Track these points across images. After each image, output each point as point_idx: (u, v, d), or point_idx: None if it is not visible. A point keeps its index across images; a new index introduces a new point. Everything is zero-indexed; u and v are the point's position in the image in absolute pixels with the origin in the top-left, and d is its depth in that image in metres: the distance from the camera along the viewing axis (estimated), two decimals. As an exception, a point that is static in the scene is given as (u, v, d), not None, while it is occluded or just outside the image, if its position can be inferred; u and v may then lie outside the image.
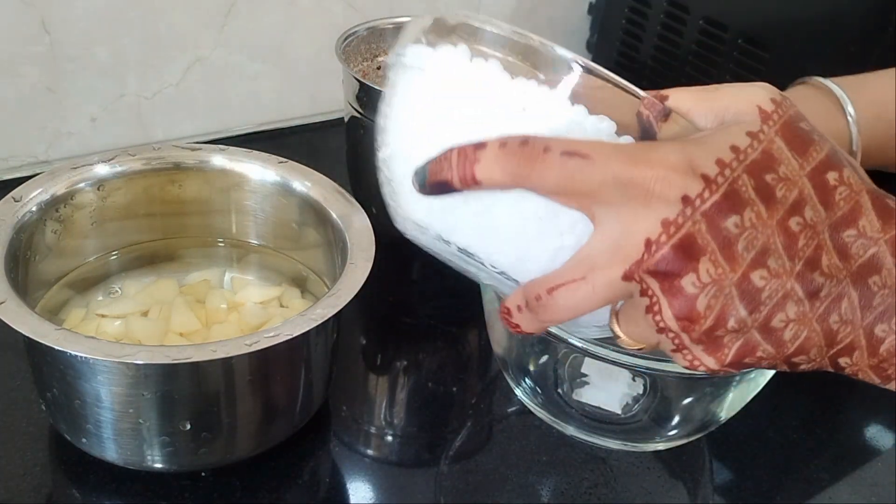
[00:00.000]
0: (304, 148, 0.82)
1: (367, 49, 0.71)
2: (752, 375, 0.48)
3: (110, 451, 0.46)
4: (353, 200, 0.54)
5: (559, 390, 0.55)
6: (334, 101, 0.72)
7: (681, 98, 0.36)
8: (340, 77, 0.67)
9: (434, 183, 0.35)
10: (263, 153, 0.57)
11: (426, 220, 0.38)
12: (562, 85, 0.35)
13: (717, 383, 0.49)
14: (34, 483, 0.47)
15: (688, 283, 0.32)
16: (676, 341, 0.33)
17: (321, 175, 0.56)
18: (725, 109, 0.35)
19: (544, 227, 0.35)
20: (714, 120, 0.35)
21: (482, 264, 0.37)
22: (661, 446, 0.54)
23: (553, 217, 0.35)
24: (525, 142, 0.33)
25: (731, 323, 0.32)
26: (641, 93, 0.36)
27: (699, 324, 0.32)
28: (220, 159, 0.56)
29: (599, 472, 0.52)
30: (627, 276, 0.33)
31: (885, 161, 0.58)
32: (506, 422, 0.56)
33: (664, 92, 0.36)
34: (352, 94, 0.66)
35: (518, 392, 0.55)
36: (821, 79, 0.58)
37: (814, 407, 0.60)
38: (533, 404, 0.54)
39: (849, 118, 0.55)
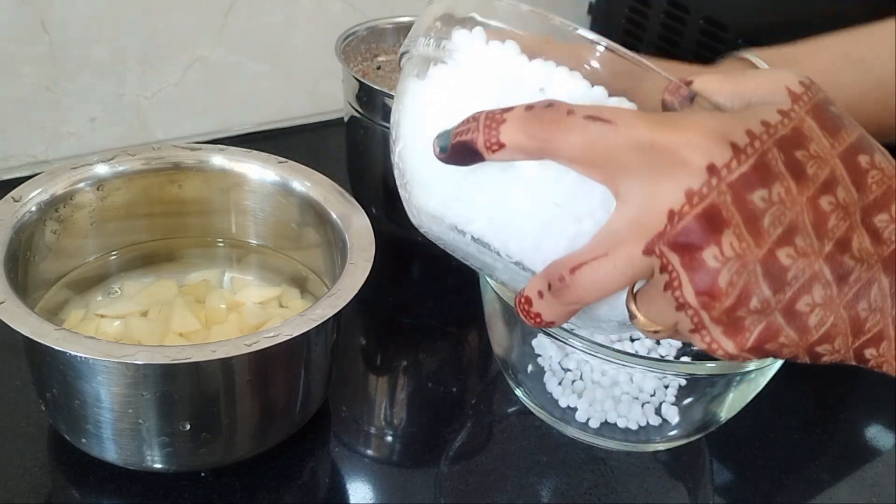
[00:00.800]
0: (304, 148, 0.82)
1: (367, 49, 0.71)
2: (753, 375, 0.48)
3: (110, 451, 0.46)
4: (353, 200, 0.54)
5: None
6: (334, 101, 0.72)
7: (706, 81, 0.35)
8: (340, 77, 0.67)
9: (457, 145, 0.34)
10: (263, 153, 0.57)
11: (440, 209, 0.37)
12: (581, 66, 0.35)
13: (717, 383, 0.49)
14: (34, 483, 0.47)
15: (710, 256, 0.31)
16: (696, 320, 0.32)
17: (321, 175, 0.56)
18: (752, 91, 0.34)
19: (561, 214, 0.34)
20: (740, 102, 0.34)
21: (498, 254, 0.36)
22: (661, 446, 0.54)
23: (571, 203, 0.34)
24: (550, 104, 0.32)
25: (754, 303, 0.31)
26: (665, 74, 0.35)
27: (720, 301, 0.31)
28: (220, 159, 0.56)
29: (599, 472, 0.52)
30: (648, 250, 0.32)
31: None
32: (506, 422, 0.56)
33: (688, 77, 0.35)
34: (352, 94, 0.66)
35: (518, 392, 0.55)
36: (747, 53, 0.56)
37: (814, 407, 0.60)
38: (533, 405, 0.54)
39: None
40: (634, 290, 0.34)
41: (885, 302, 0.31)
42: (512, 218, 0.35)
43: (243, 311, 0.54)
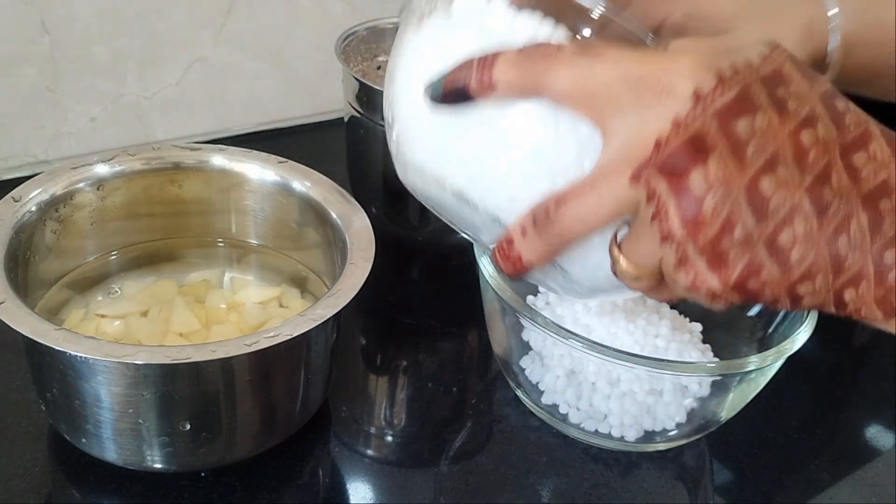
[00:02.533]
0: (304, 148, 0.81)
1: (367, 49, 0.71)
2: (753, 376, 0.48)
3: (110, 451, 0.46)
4: (353, 200, 0.54)
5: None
6: (334, 101, 0.72)
7: (682, 44, 0.35)
8: (340, 77, 0.67)
9: (450, 89, 0.35)
10: (263, 153, 0.57)
11: (424, 161, 0.38)
12: (565, 22, 0.36)
13: (718, 383, 0.49)
14: (34, 483, 0.47)
15: (696, 179, 0.31)
16: (680, 251, 0.32)
17: (321, 175, 0.56)
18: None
19: (537, 170, 0.35)
20: None
21: (476, 208, 0.37)
22: (661, 446, 0.54)
23: (546, 159, 0.35)
24: (541, 45, 0.34)
25: (738, 232, 0.31)
26: (647, 39, 0.36)
27: (705, 228, 0.31)
28: (220, 159, 0.56)
29: (599, 472, 0.52)
30: (635, 178, 0.32)
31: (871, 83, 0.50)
32: (506, 422, 0.56)
33: (666, 42, 0.36)
34: (352, 94, 0.66)
35: (518, 392, 0.55)
36: None
37: (814, 407, 0.60)
38: (533, 405, 0.54)
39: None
40: (618, 239, 0.35)
41: (865, 238, 0.31)
42: (489, 172, 0.36)
43: (243, 311, 0.55)
